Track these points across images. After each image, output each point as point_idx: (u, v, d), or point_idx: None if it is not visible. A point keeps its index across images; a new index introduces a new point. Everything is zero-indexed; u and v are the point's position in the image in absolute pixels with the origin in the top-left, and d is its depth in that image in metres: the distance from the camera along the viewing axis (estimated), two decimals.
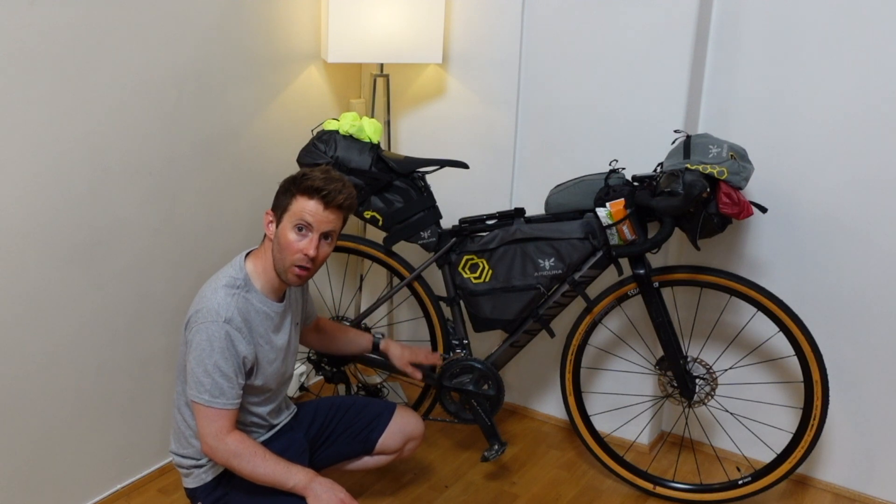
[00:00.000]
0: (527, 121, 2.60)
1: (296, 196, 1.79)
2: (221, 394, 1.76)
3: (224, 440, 1.77)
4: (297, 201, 1.79)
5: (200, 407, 1.77)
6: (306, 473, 1.81)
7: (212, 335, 1.75)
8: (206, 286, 1.85)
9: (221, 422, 1.77)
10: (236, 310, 1.78)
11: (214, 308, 1.77)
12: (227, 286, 1.80)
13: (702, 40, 2.31)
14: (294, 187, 1.80)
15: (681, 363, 2.24)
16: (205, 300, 1.79)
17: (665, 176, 2.03)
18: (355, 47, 2.50)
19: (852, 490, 2.44)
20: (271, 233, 1.84)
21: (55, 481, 2.16)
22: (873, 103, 2.16)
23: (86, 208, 2.07)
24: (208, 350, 1.75)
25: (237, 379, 1.78)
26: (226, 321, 1.76)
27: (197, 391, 1.77)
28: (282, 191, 1.83)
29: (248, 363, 1.82)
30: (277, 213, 1.83)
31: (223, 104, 2.38)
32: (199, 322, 1.77)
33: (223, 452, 1.78)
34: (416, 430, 2.21)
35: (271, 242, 1.84)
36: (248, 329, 1.80)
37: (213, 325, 1.75)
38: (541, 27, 2.49)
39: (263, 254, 1.88)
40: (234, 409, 1.80)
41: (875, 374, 2.32)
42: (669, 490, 2.38)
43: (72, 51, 1.95)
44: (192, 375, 1.77)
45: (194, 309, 1.81)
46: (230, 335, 1.76)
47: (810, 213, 2.31)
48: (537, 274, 2.23)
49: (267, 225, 1.85)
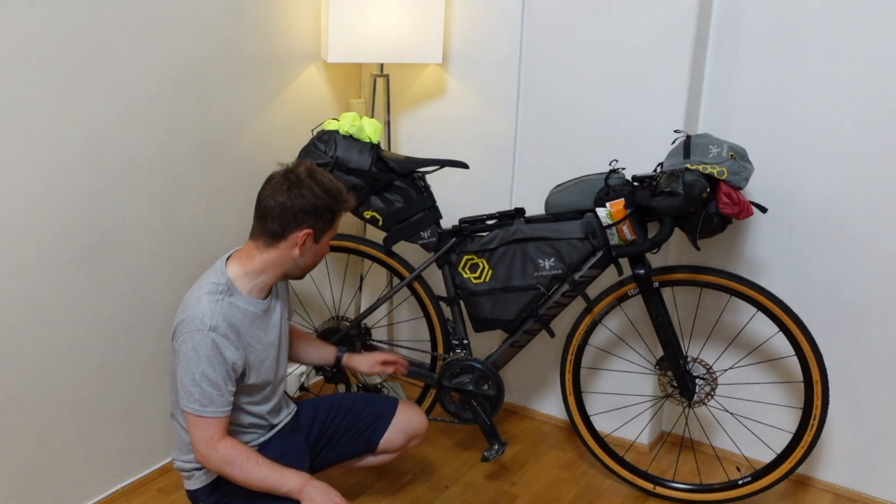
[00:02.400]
0: (527, 121, 2.60)
1: (339, 215, 1.87)
2: (211, 402, 1.76)
3: (216, 447, 1.77)
4: (338, 218, 1.88)
5: (191, 416, 1.77)
6: (300, 477, 1.81)
7: (197, 344, 1.74)
8: (189, 294, 1.83)
9: (212, 430, 1.77)
10: (221, 316, 1.77)
11: (199, 316, 1.75)
12: (210, 293, 1.79)
13: (702, 40, 2.31)
14: (337, 208, 1.85)
15: (681, 363, 2.24)
16: (189, 308, 1.78)
17: (665, 176, 2.03)
18: (355, 47, 2.50)
19: (852, 490, 2.44)
20: (305, 248, 1.84)
21: (55, 481, 2.16)
22: (873, 103, 2.16)
23: (86, 208, 2.07)
24: (195, 359, 1.74)
25: (226, 386, 1.78)
26: (211, 329, 1.75)
27: (186, 400, 1.76)
28: (320, 211, 1.81)
29: (237, 368, 1.81)
30: (317, 231, 1.83)
31: (223, 104, 2.38)
32: (185, 331, 1.76)
33: (215, 460, 1.78)
34: (419, 428, 2.20)
35: (290, 254, 1.83)
36: (235, 334, 1.79)
37: (199, 334, 1.74)
38: (541, 27, 2.49)
39: (252, 258, 1.83)
40: (225, 417, 1.79)
41: (875, 374, 2.32)
42: (669, 490, 2.38)
43: (72, 51, 1.95)
44: (181, 385, 1.77)
45: (179, 318, 1.79)
46: (216, 343, 1.75)
47: (810, 213, 2.31)
48: (537, 274, 2.23)
49: (302, 244, 1.82)
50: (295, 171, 1.82)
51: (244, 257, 1.85)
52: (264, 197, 1.81)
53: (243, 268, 1.84)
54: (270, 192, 1.80)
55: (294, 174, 1.81)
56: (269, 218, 1.80)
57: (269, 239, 1.82)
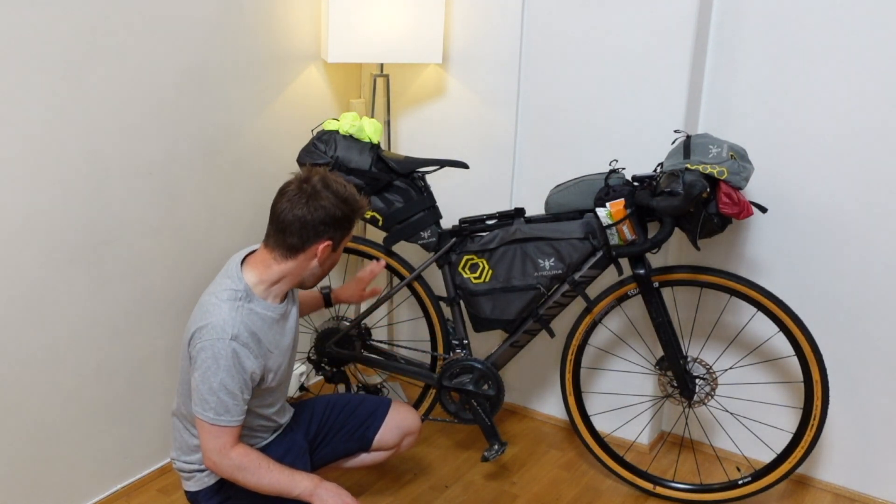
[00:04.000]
0: (527, 121, 2.60)
1: (354, 222, 1.86)
2: (226, 411, 1.75)
3: (228, 455, 1.77)
4: (353, 225, 1.87)
5: (204, 424, 1.76)
6: (311, 480, 1.81)
7: (217, 353, 1.72)
8: (206, 298, 1.80)
9: (225, 438, 1.76)
10: (242, 325, 1.75)
11: (220, 325, 1.73)
12: (230, 300, 1.77)
13: (702, 40, 2.31)
14: (354, 215, 1.85)
15: (681, 363, 2.24)
16: (209, 315, 1.75)
17: (665, 176, 2.03)
18: (355, 47, 2.50)
19: (852, 490, 2.44)
20: (324, 258, 1.83)
21: (55, 481, 2.16)
22: (873, 103, 2.16)
23: (86, 208, 2.07)
24: (214, 368, 1.73)
25: (242, 395, 1.77)
26: (232, 338, 1.73)
27: (202, 408, 1.75)
28: (339, 221, 1.80)
29: (255, 378, 1.80)
30: (336, 240, 1.83)
31: (223, 104, 2.38)
32: (205, 339, 1.74)
33: (227, 467, 1.77)
34: (412, 425, 2.21)
35: (308, 265, 1.82)
36: (255, 342, 1.78)
37: (220, 343, 1.72)
38: (541, 27, 2.49)
39: (269, 267, 1.82)
40: (239, 426, 1.78)
41: (875, 374, 2.33)
42: (669, 490, 2.38)
43: (72, 50, 1.95)
44: (196, 392, 1.76)
45: (198, 324, 1.77)
46: (237, 352, 1.74)
47: (810, 213, 2.31)
48: (537, 274, 2.23)
49: (322, 255, 1.81)
50: (310, 181, 1.79)
51: (260, 266, 1.83)
52: (282, 210, 1.77)
53: (259, 276, 1.82)
54: (288, 206, 1.76)
55: (310, 185, 1.77)
56: (288, 232, 1.77)
57: (287, 251, 1.79)
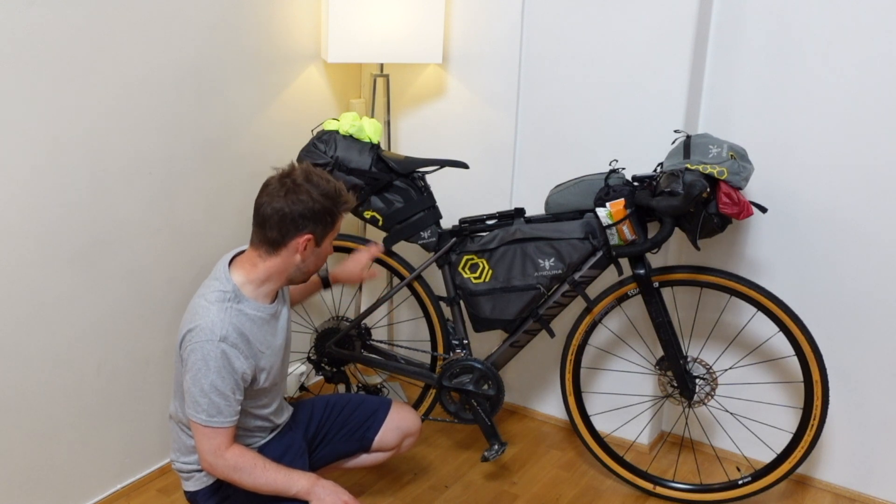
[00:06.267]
0: (527, 121, 2.60)
1: (339, 216, 1.83)
2: (219, 412, 1.75)
3: (223, 456, 1.77)
4: (339, 219, 1.84)
5: (198, 426, 1.76)
6: (308, 478, 1.81)
7: (207, 355, 1.72)
8: (195, 301, 1.80)
9: (220, 439, 1.76)
10: (231, 325, 1.75)
11: (209, 326, 1.73)
12: (219, 301, 1.77)
13: (702, 40, 2.31)
14: (337, 209, 1.81)
15: (681, 363, 2.24)
16: (198, 318, 1.76)
17: (665, 176, 2.03)
18: (355, 47, 2.50)
19: (852, 490, 2.44)
20: (307, 253, 1.81)
21: (55, 481, 2.16)
22: (873, 103, 2.16)
23: (85, 208, 2.07)
24: (204, 370, 1.73)
25: (234, 396, 1.77)
26: (221, 339, 1.73)
27: (194, 410, 1.75)
28: (319, 215, 1.78)
29: (247, 378, 1.80)
30: (318, 235, 1.80)
31: (223, 104, 2.38)
32: (194, 341, 1.74)
33: (223, 468, 1.77)
34: (412, 426, 2.21)
35: (292, 261, 1.81)
36: (245, 343, 1.77)
37: (209, 345, 1.72)
38: (541, 27, 2.49)
39: (256, 266, 1.82)
40: (232, 427, 1.78)
41: (875, 373, 2.33)
42: (669, 490, 2.38)
43: (71, 50, 1.95)
44: (188, 395, 1.76)
45: (187, 327, 1.77)
46: (226, 353, 1.73)
47: (810, 213, 2.31)
48: (537, 274, 2.23)
49: (303, 249, 1.79)
50: (291, 174, 1.78)
51: (247, 265, 1.83)
52: (261, 204, 1.77)
53: (247, 275, 1.82)
54: (267, 199, 1.76)
55: (290, 178, 1.77)
56: (268, 226, 1.76)
57: (269, 247, 1.79)
